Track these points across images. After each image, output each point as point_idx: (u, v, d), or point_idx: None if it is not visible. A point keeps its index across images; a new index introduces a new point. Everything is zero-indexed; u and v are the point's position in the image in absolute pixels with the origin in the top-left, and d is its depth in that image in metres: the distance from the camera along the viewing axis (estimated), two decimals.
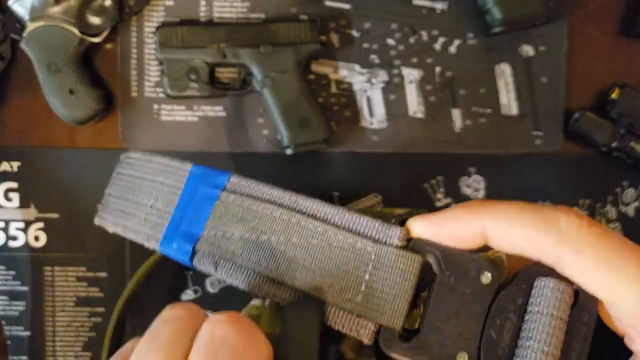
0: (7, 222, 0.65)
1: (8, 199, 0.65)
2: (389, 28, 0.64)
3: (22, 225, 0.65)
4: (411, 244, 0.27)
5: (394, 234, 0.27)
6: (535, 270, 0.26)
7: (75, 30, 0.61)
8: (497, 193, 0.66)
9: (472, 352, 0.25)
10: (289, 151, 0.62)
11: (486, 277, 0.26)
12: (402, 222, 0.29)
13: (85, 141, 0.65)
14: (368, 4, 0.64)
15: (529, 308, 0.25)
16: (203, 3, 0.64)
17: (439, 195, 0.66)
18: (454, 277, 0.26)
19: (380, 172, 0.65)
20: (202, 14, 0.64)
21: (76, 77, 0.61)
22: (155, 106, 0.64)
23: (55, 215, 0.65)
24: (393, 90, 0.65)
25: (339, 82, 0.65)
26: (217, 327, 0.25)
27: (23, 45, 0.61)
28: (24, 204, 0.65)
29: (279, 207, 0.30)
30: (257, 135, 0.65)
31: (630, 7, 0.65)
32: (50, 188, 0.65)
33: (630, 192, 0.67)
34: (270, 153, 0.65)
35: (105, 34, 0.62)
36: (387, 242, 0.27)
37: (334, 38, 0.64)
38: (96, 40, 0.62)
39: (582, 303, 0.26)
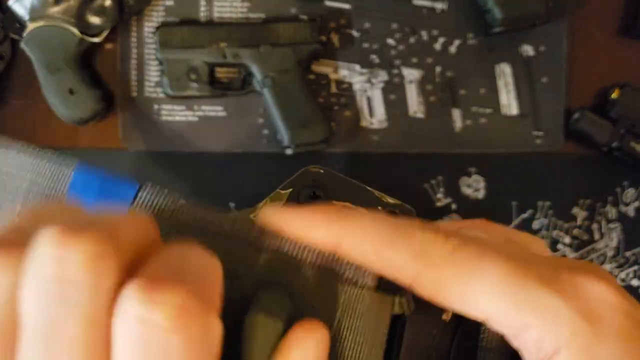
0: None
1: None
2: (389, 28, 0.64)
3: None
4: (384, 283, 0.24)
5: (367, 274, 0.24)
6: None
7: (75, 30, 0.61)
8: (497, 193, 0.66)
9: None
10: (289, 151, 0.62)
11: (447, 314, 0.25)
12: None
13: (85, 141, 0.65)
14: (368, 4, 0.64)
15: (481, 344, 0.24)
16: (203, 3, 0.64)
17: (439, 195, 0.66)
18: (422, 318, 0.24)
19: (380, 172, 0.65)
20: (202, 14, 0.64)
21: (76, 77, 0.61)
22: (156, 106, 0.64)
23: None
24: (393, 90, 0.65)
25: (339, 82, 0.65)
26: (150, 328, 0.17)
27: (23, 45, 0.61)
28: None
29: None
30: (257, 135, 0.65)
31: (631, 6, 0.65)
32: None
33: (630, 192, 0.67)
34: (270, 153, 0.65)
35: (105, 34, 0.62)
36: (359, 282, 0.24)
37: (334, 38, 0.64)
38: (96, 40, 0.62)
39: None
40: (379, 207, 0.28)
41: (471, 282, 0.22)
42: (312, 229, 0.24)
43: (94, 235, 0.17)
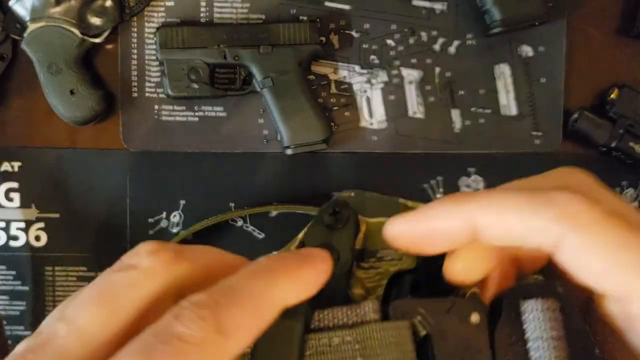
0: (8, 222, 0.65)
1: (9, 199, 0.65)
2: (389, 29, 0.64)
3: (23, 225, 0.65)
4: (391, 311, 0.24)
5: (368, 309, 0.23)
6: (517, 294, 0.24)
7: (76, 31, 0.61)
8: None
9: None
10: (289, 151, 0.62)
11: (475, 317, 0.23)
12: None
13: (86, 141, 0.65)
14: (368, 5, 0.64)
15: (527, 335, 0.23)
16: (203, 4, 0.64)
17: (439, 196, 0.66)
18: (446, 332, 0.23)
19: (379, 173, 0.65)
20: (202, 15, 0.64)
21: (77, 78, 0.61)
22: (156, 106, 0.65)
23: (56, 215, 0.65)
24: (393, 90, 0.65)
25: (339, 83, 0.65)
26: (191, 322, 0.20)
27: (24, 45, 0.61)
28: (24, 204, 0.65)
29: None
30: (257, 136, 0.65)
31: (629, 7, 0.65)
32: (51, 188, 0.65)
33: (629, 192, 0.67)
34: (270, 153, 0.65)
35: (105, 34, 0.62)
36: (364, 320, 0.23)
37: (334, 39, 0.64)
38: (97, 40, 0.62)
39: (568, 312, 0.24)
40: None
41: (620, 255, 0.21)
42: (447, 216, 0.23)
43: (167, 249, 0.23)
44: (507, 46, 0.65)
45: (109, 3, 0.61)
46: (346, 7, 0.64)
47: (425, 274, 0.30)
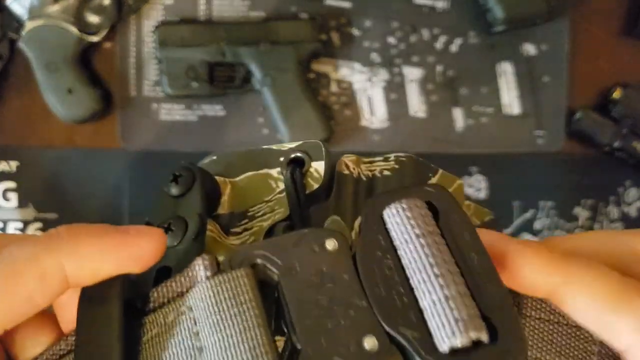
0: (5, 222, 0.65)
1: (6, 199, 0.65)
2: (390, 27, 0.64)
3: (20, 225, 0.65)
4: (226, 263, 0.21)
5: (198, 267, 0.20)
6: (377, 203, 0.22)
7: (74, 29, 0.61)
8: (499, 193, 0.66)
9: (375, 328, 0.19)
10: None
11: (331, 243, 0.21)
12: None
13: (83, 141, 0.65)
14: (369, 3, 0.64)
15: (396, 244, 0.21)
16: (202, 2, 0.64)
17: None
18: (296, 267, 0.20)
19: None
20: (202, 13, 0.64)
21: (75, 76, 0.61)
22: (155, 105, 0.64)
23: (53, 215, 0.65)
24: (394, 89, 0.65)
25: (340, 81, 0.65)
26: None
27: (21, 44, 0.61)
28: (22, 204, 0.65)
29: None
30: (257, 134, 0.65)
31: (633, 6, 0.65)
32: (48, 188, 0.65)
33: (632, 192, 0.67)
34: None
35: (104, 32, 0.62)
36: (195, 282, 0.21)
37: (335, 37, 0.64)
38: (95, 39, 0.62)
39: (443, 207, 0.21)
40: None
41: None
42: (532, 274, 0.22)
43: None
44: (510, 45, 0.65)
45: (107, 1, 0.61)
46: (347, 4, 0.64)
47: (301, 220, 0.28)
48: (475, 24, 0.64)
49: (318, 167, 0.30)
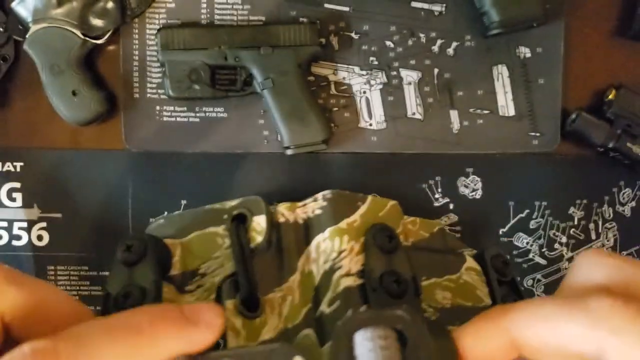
0: (10, 222, 0.66)
1: (11, 199, 0.66)
2: (388, 30, 0.65)
3: (25, 224, 0.66)
4: None
5: None
6: (349, 327, 0.22)
7: (78, 32, 0.61)
8: (494, 193, 0.66)
9: None
10: (289, 152, 0.63)
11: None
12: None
13: (87, 142, 0.65)
14: (367, 7, 0.64)
15: None
16: (204, 5, 0.64)
17: (437, 196, 0.66)
18: None
19: (379, 173, 0.66)
20: (203, 16, 0.64)
21: (79, 79, 0.62)
22: (157, 107, 0.65)
23: (58, 215, 0.66)
24: (392, 91, 0.65)
25: (339, 84, 0.65)
26: None
27: (26, 46, 0.61)
28: (27, 204, 0.66)
29: None
30: (258, 136, 0.65)
31: (626, 8, 0.65)
32: (53, 188, 0.65)
33: (627, 192, 0.67)
34: (270, 154, 0.65)
35: (107, 35, 0.62)
36: None
37: (334, 40, 0.65)
38: (98, 42, 0.62)
39: (412, 339, 0.22)
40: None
41: None
42: (487, 340, 0.23)
43: None
44: (505, 47, 0.65)
45: (110, 4, 0.62)
46: (346, 8, 0.64)
47: (245, 273, 0.29)
48: (471, 27, 0.65)
49: (260, 220, 0.31)
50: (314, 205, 0.33)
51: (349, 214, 0.32)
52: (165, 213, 0.65)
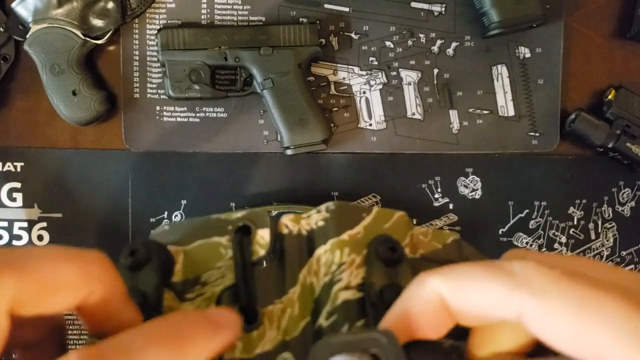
0: (10, 222, 0.66)
1: (12, 199, 0.66)
2: (387, 31, 0.65)
3: (25, 224, 0.66)
4: None
5: None
6: (324, 351, 0.22)
7: (78, 32, 0.61)
8: (494, 193, 0.66)
9: None
10: (288, 152, 0.63)
11: None
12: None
13: (88, 142, 0.65)
14: (367, 7, 0.64)
15: None
16: (204, 6, 0.64)
17: (437, 196, 0.66)
18: None
19: (378, 173, 0.66)
20: (203, 17, 0.64)
21: (79, 79, 0.62)
22: (157, 107, 0.65)
23: (58, 215, 0.66)
24: (391, 91, 0.65)
25: (338, 84, 0.65)
26: None
27: (26, 47, 0.61)
28: (27, 204, 0.66)
29: None
30: (258, 136, 0.65)
31: (626, 9, 0.65)
32: (53, 188, 0.66)
33: (626, 192, 0.67)
34: (270, 154, 0.65)
35: (107, 36, 0.63)
36: None
37: (333, 40, 0.65)
38: (99, 42, 0.62)
39: None
40: None
41: (584, 317, 0.20)
42: (418, 301, 0.23)
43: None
44: (505, 48, 0.65)
45: (110, 5, 0.62)
46: (345, 9, 0.64)
47: (245, 285, 0.30)
48: (471, 27, 0.65)
49: (264, 234, 0.31)
50: (317, 217, 0.33)
51: (352, 225, 0.32)
52: (165, 213, 0.65)
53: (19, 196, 0.66)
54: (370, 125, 0.65)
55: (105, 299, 0.23)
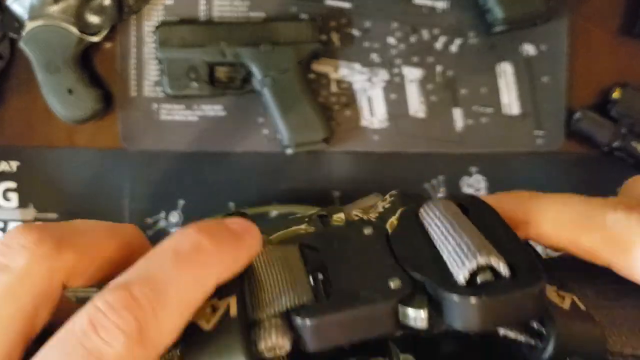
0: (5, 222, 0.65)
1: (7, 199, 0.65)
2: (390, 27, 0.64)
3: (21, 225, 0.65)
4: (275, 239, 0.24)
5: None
6: (412, 204, 0.24)
7: (75, 30, 0.61)
8: (498, 191, 0.66)
9: (400, 273, 0.21)
10: (289, 151, 0.62)
11: (368, 230, 0.24)
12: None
13: (84, 141, 0.65)
14: (369, 3, 0.64)
15: (428, 229, 0.23)
16: (203, 2, 0.64)
17: (440, 195, 0.66)
18: (337, 242, 0.23)
19: (380, 172, 0.65)
20: (202, 13, 0.64)
21: (75, 77, 0.61)
22: (155, 105, 0.64)
23: (54, 215, 0.65)
24: (394, 89, 0.65)
25: (340, 82, 0.65)
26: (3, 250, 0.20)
27: (22, 44, 0.61)
28: (22, 204, 0.65)
29: None
30: (257, 135, 0.65)
31: (632, 5, 0.65)
32: (49, 188, 0.65)
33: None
34: (270, 153, 0.65)
35: (104, 33, 0.62)
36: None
37: (335, 37, 0.64)
38: (95, 39, 0.62)
39: (474, 210, 0.23)
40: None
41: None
42: (508, 211, 0.24)
43: (46, 239, 0.21)
44: (509, 45, 0.65)
45: (107, 2, 0.61)
46: (347, 5, 0.64)
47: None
48: (474, 24, 0.64)
49: (340, 216, 0.32)
50: (383, 203, 0.34)
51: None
52: (163, 212, 0.65)
53: (14, 196, 0.65)
54: (372, 123, 0.65)
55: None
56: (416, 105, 0.65)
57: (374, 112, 0.65)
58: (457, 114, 0.65)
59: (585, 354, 0.20)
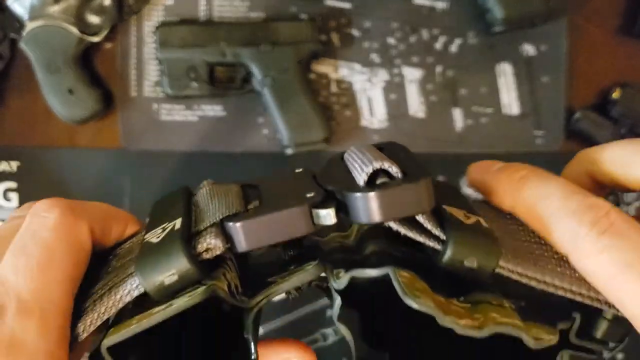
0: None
1: (7, 199, 0.65)
2: (390, 27, 0.64)
3: None
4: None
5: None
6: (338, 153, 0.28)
7: (75, 30, 0.61)
8: None
9: (315, 188, 0.26)
10: (289, 151, 0.62)
11: (298, 170, 0.29)
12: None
13: (84, 141, 0.65)
14: (368, 3, 0.64)
15: (347, 163, 0.26)
16: (203, 2, 0.63)
17: None
18: (272, 179, 0.29)
19: None
20: (202, 13, 0.64)
21: (75, 77, 0.61)
22: (155, 105, 0.64)
23: None
24: (394, 89, 0.65)
25: (340, 82, 0.64)
26: (34, 219, 0.27)
27: (22, 44, 0.61)
28: (23, 204, 0.65)
29: None
30: (257, 135, 0.65)
31: (631, 5, 0.65)
32: (49, 188, 0.65)
33: (631, 192, 0.67)
34: (270, 153, 0.65)
35: (104, 33, 0.62)
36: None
37: (335, 37, 0.64)
38: (95, 39, 0.62)
39: (389, 148, 0.27)
40: None
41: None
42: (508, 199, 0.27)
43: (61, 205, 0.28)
44: (509, 45, 0.65)
45: (107, 2, 0.61)
46: (347, 5, 0.64)
47: None
48: (474, 24, 0.64)
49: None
50: None
51: None
52: None
53: (14, 196, 0.65)
54: (372, 123, 0.65)
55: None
56: (416, 106, 0.65)
57: (373, 112, 0.65)
58: (457, 114, 0.65)
59: (477, 261, 0.23)
